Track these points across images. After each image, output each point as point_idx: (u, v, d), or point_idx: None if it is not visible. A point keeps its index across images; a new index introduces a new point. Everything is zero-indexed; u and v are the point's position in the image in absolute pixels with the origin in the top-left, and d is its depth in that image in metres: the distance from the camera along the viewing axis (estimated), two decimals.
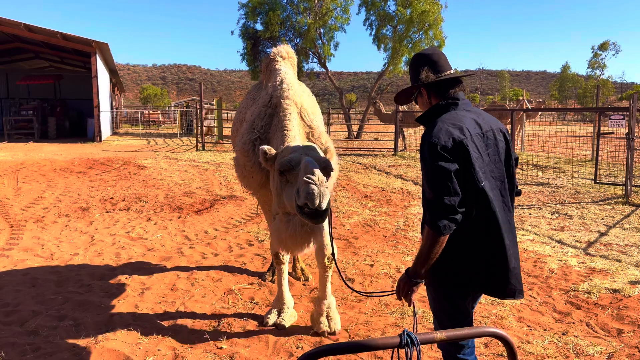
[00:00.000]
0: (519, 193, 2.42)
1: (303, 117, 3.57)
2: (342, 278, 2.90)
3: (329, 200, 2.61)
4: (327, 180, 2.71)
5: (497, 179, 2.20)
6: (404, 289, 2.22)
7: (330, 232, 2.90)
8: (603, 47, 70.14)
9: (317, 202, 2.50)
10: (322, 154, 3.00)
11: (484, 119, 2.25)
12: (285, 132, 3.34)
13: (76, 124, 26.06)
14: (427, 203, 2.09)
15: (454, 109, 2.24)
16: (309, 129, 3.58)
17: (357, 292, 2.71)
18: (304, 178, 2.56)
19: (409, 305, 2.28)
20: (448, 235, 2.07)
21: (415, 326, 2.23)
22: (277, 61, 4.04)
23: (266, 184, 3.59)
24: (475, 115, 2.25)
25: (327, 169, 2.82)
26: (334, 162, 3.10)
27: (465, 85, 2.41)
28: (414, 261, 2.18)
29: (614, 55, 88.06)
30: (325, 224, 3.38)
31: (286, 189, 2.87)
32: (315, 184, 2.52)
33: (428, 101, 2.33)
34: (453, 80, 2.28)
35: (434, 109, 2.28)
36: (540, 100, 24.93)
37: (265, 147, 3.04)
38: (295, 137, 3.37)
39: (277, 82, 3.68)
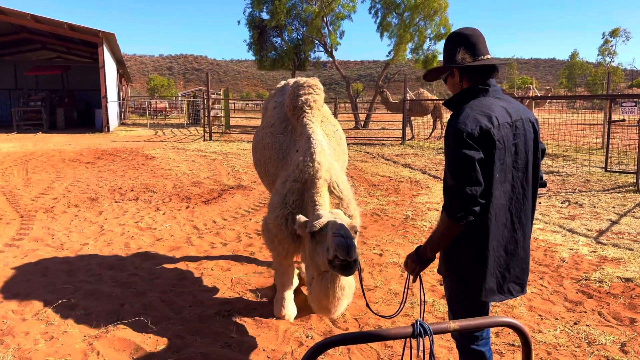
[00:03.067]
0: (543, 184, 2.38)
1: (333, 189, 3.60)
2: (366, 301, 3.06)
3: (357, 254, 2.77)
4: (354, 238, 2.93)
5: (520, 170, 2.15)
6: (411, 266, 2.26)
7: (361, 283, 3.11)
8: (613, 33, 69.06)
9: (346, 252, 2.63)
10: (347, 219, 3.16)
11: (514, 108, 2.18)
12: (317, 206, 3.40)
13: (84, 114, 26.14)
14: (447, 190, 2.05)
15: (484, 95, 2.17)
16: (339, 199, 3.62)
17: (377, 315, 2.94)
18: (332, 232, 2.78)
19: (413, 282, 2.31)
20: (463, 225, 2.03)
21: (422, 311, 2.25)
22: (306, 112, 3.83)
23: (294, 253, 3.70)
24: (505, 103, 2.17)
25: (353, 229, 3.02)
26: (357, 224, 3.27)
27: (500, 73, 2.33)
28: (425, 243, 2.19)
29: (623, 42, 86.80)
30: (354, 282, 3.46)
31: (317, 250, 3.03)
32: (343, 237, 2.68)
33: (459, 84, 2.24)
34: (489, 66, 2.19)
35: (463, 94, 2.20)
36: (547, 87, 24.61)
37: (298, 216, 3.22)
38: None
39: (308, 153, 3.54)
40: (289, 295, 3.91)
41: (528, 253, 2.26)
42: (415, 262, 2.23)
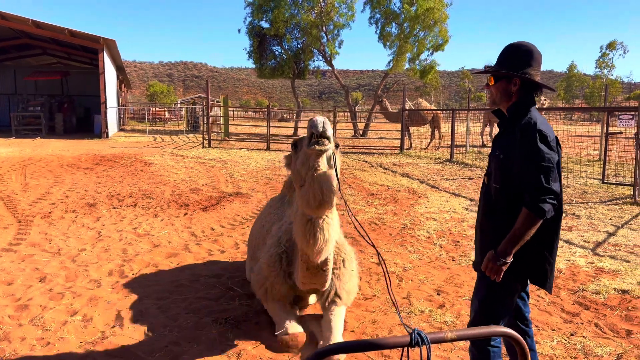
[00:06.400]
0: None
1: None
2: (364, 235, 2.94)
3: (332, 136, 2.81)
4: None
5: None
6: (494, 269, 2.36)
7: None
8: (611, 46, 69.65)
9: (321, 127, 2.73)
10: None
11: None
12: None
13: (83, 120, 26.20)
14: (530, 187, 2.25)
15: (535, 107, 2.47)
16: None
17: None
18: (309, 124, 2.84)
19: (498, 280, 2.40)
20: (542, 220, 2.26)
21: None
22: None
23: (287, 295, 3.54)
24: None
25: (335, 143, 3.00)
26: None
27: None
28: (505, 242, 2.32)
29: (620, 55, 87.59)
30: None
31: (298, 156, 3.02)
32: (316, 119, 2.78)
33: (512, 92, 2.47)
34: (540, 87, 2.51)
35: (526, 105, 2.45)
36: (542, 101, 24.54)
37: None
38: None
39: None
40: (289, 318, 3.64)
41: None
42: (498, 264, 2.34)
